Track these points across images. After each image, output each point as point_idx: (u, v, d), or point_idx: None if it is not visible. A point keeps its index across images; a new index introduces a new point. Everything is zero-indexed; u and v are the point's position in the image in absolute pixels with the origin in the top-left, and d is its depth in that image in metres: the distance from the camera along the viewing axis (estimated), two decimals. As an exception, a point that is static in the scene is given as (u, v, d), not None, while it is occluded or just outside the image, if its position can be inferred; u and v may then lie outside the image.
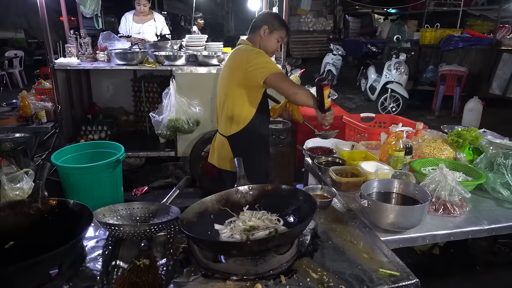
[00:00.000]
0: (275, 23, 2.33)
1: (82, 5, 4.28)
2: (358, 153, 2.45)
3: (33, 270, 1.13)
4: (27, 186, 2.07)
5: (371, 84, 8.37)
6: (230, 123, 2.35)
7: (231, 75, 2.29)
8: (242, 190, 1.61)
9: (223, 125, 2.41)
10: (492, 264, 2.81)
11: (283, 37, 2.37)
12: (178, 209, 1.53)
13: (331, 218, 1.67)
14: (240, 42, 2.42)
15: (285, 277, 1.23)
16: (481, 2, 11.84)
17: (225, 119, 2.37)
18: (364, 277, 1.24)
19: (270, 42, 2.34)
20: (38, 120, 3.77)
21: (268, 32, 2.31)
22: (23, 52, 10.26)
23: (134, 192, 4.03)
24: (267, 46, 2.35)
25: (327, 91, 2.07)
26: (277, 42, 2.36)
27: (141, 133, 4.70)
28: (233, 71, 2.27)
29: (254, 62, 2.17)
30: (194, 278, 1.23)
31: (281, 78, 2.16)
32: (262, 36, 2.33)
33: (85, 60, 4.04)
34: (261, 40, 2.34)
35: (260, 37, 2.33)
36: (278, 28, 2.33)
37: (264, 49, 2.33)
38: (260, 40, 2.34)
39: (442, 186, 1.85)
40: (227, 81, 2.33)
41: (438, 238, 1.78)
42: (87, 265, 1.30)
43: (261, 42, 2.35)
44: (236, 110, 2.31)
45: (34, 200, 1.42)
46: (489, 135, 2.63)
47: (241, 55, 2.26)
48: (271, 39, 2.33)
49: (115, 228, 1.38)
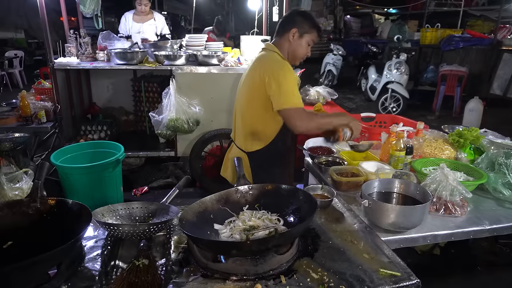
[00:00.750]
0: (305, 25, 2.08)
1: (82, 5, 4.27)
2: (359, 153, 2.44)
3: (32, 270, 1.12)
4: (27, 186, 2.06)
5: (371, 84, 8.37)
6: (252, 140, 2.18)
7: (253, 89, 2.09)
8: (242, 189, 1.60)
9: (243, 140, 2.22)
10: (493, 264, 2.80)
11: (314, 40, 2.13)
12: (178, 209, 1.52)
13: (331, 218, 1.66)
14: (267, 47, 2.18)
15: (285, 277, 1.22)
16: (482, 2, 11.83)
17: (246, 134, 2.19)
18: (365, 278, 1.23)
19: (300, 47, 2.12)
20: (38, 120, 3.76)
21: (298, 36, 2.09)
22: (23, 52, 10.26)
23: (134, 192, 4.02)
24: (296, 52, 2.13)
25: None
26: (308, 46, 2.13)
27: (141, 133, 4.70)
28: (255, 85, 2.06)
29: (276, 87, 1.96)
30: (194, 278, 1.22)
31: (297, 115, 1.96)
32: (291, 40, 2.10)
33: (85, 59, 4.03)
34: (289, 45, 2.11)
35: (289, 41, 2.10)
36: (309, 31, 2.09)
37: (293, 54, 2.13)
38: (289, 45, 2.11)
39: (443, 186, 1.84)
40: (249, 94, 2.13)
41: (439, 238, 1.78)
42: (86, 265, 1.29)
43: (289, 47, 2.12)
44: (260, 126, 2.13)
45: (33, 200, 1.42)
46: (490, 135, 2.63)
47: (264, 68, 2.04)
48: (301, 43, 2.10)
49: (114, 228, 1.37)
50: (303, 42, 2.10)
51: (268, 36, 4.59)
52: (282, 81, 1.96)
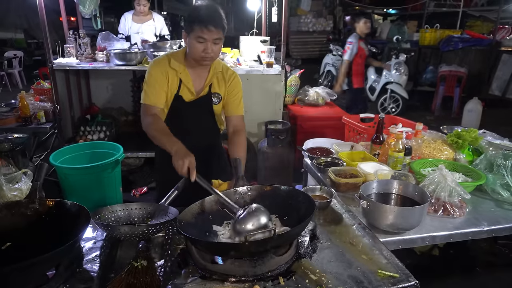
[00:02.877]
0: (189, 22, 1.83)
1: (81, 5, 4.27)
2: (357, 153, 2.45)
3: (30, 271, 1.13)
4: (26, 186, 2.05)
5: (370, 85, 8.36)
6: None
7: None
8: (241, 191, 1.60)
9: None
10: (492, 265, 2.81)
11: (201, 35, 1.79)
12: (177, 210, 1.52)
13: (330, 219, 1.67)
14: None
15: (283, 278, 1.23)
16: (481, 2, 11.82)
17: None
18: (363, 279, 1.23)
19: (191, 47, 1.86)
20: (37, 120, 3.76)
21: (187, 36, 1.87)
22: (22, 52, 10.25)
23: (133, 192, 4.02)
24: (191, 54, 1.90)
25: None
26: (199, 43, 1.81)
27: (140, 133, 4.67)
28: None
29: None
30: (192, 280, 1.22)
31: (142, 110, 1.96)
32: (186, 43, 1.90)
33: (84, 60, 4.03)
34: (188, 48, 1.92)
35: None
36: (193, 26, 1.80)
37: (192, 57, 1.92)
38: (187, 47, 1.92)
39: (441, 187, 1.84)
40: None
41: (437, 240, 1.78)
42: (85, 267, 1.29)
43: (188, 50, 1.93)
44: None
45: (31, 201, 1.42)
46: (488, 136, 2.63)
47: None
48: (190, 43, 1.85)
49: (112, 229, 1.37)
50: (192, 41, 1.84)
51: (267, 37, 4.59)
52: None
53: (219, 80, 2.07)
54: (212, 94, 2.06)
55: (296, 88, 5.11)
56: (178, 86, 1.99)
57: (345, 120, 3.23)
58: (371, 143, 2.49)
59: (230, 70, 2.12)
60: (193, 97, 2.03)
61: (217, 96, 2.07)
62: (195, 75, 2.01)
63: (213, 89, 2.06)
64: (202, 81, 2.04)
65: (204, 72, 2.03)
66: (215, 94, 2.06)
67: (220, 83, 2.08)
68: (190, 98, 2.02)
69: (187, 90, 2.00)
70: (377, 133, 2.45)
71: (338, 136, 3.18)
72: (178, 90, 1.99)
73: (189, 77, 1.99)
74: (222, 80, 2.08)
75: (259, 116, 4.10)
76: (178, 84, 1.98)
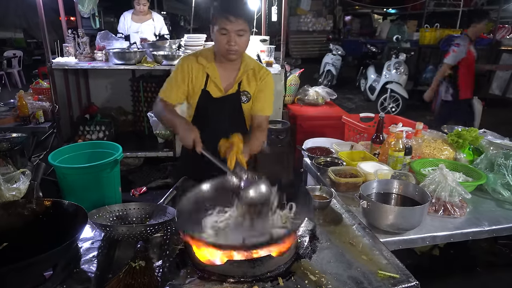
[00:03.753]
0: (213, 14, 1.83)
1: (80, 5, 4.26)
2: (357, 153, 2.44)
3: (27, 272, 1.12)
4: (24, 186, 2.04)
5: (370, 84, 8.36)
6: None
7: None
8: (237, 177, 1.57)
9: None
10: (492, 265, 2.79)
11: (224, 26, 1.75)
12: (175, 210, 1.51)
13: (330, 219, 1.65)
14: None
15: (282, 279, 1.21)
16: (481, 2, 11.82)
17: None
18: (363, 280, 1.22)
19: (215, 40, 1.84)
20: (36, 120, 3.75)
21: (213, 28, 1.84)
22: (21, 52, 10.23)
23: (132, 192, 4.01)
24: (216, 46, 1.88)
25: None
26: (222, 35, 1.78)
27: (140, 133, 4.68)
28: None
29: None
30: (190, 280, 1.21)
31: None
32: (212, 36, 1.87)
33: (83, 59, 4.02)
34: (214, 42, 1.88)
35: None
36: (216, 18, 1.78)
37: (216, 49, 1.90)
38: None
39: (442, 187, 1.83)
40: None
41: (438, 240, 1.77)
42: (82, 267, 1.28)
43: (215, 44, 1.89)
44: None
45: (29, 201, 1.41)
46: (489, 136, 2.62)
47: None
48: (215, 36, 1.83)
49: (110, 229, 1.36)
50: (216, 33, 1.81)
51: (267, 36, 4.58)
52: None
53: (250, 77, 1.98)
54: (241, 92, 1.97)
55: (296, 87, 5.10)
56: (205, 81, 1.93)
57: (345, 120, 3.23)
58: (371, 143, 2.48)
59: (263, 69, 2.02)
60: (221, 94, 1.95)
61: (246, 95, 1.98)
62: (224, 71, 1.95)
63: (242, 87, 1.97)
64: (231, 78, 1.96)
65: (234, 68, 1.96)
66: (244, 93, 1.97)
67: (251, 81, 1.98)
68: (218, 95, 1.94)
69: (214, 85, 1.93)
70: (377, 133, 2.44)
71: (337, 136, 3.17)
72: (205, 86, 1.93)
73: (216, 72, 1.92)
74: (253, 78, 1.98)
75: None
76: (205, 79, 1.93)
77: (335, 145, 2.61)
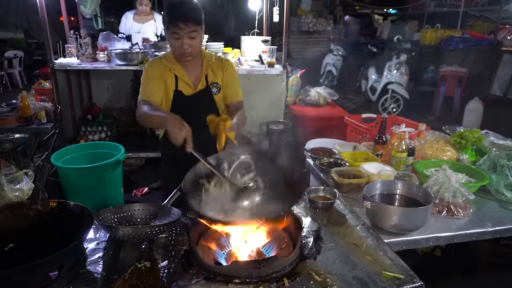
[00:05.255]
0: (164, 19, 1.87)
1: (82, 5, 4.26)
2: (360, 154, 2.44)
3: (33, 273, 1.12)
4: (27, 187, 2.05)
5: (371, 85, 8.36)
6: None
7: None
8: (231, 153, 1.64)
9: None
10: (494, 265, 2.79)
11: (174, 30, 1.79)
12: (179, 211, 1.51)
13: (334, 220, 1.66)
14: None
15: (288, 280, 1.22)
16: (482, 2, 11.81)
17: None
18: (368, 280, 1.22)
19: (170, 44, 1.91)
20: (38, 120, 3.75)
21: (166, 32, 1.89)
22: (22, 52, 10.24)
23: (134, 193, 4.01)
24: (172, 51, 1.97)
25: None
26: (175, 39, 1.83)
27: (141, 133, 4.68)
28: None
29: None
30: (196, 281, 1.21)
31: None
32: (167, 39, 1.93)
33: (85, 60, 4.02)
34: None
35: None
36: (167, 23, 1.83)
37: (174, 54, 1.97)
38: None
39: (445, 188, 1.84)
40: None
41: (441, 240, 1.77)
42: (88, 268, 1.28)
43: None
44: None
45: (34, 202, 1.41)
46: (492, 136, 2.62)
47: None
48: (169, 40, 1.89)
49: (115, 230, 1.36)
50: (169, 37, 1.87)
51: (268, 37, 4.58)
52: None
53: (215, 69, 2.06)
54: (211, 85, 2.05)
55: (297, 88, 5.11)
56: (175, 82, 2.00)
57: (347, 121, 3.23)
58: (374, 144, 2.48)
59: (223, 59, 2.12)
60: (192, 91, 2.03)
61: (216, 86, 2.06)
62: (188, 69, 2.03)
63: (210, 79, 2.06)
64: (197, 74, 2.05)
65: (197, 66, 2.04)
66: (214, 84, 2.06)
67: (217, 72, 2.07)
68: (190, 92, 2.03)
69: (185, 84, 2.01)
70: (380, 134, 2.44)
71: (339, 136, 3.17)
72: (176, 86, 2.01)
73: (182, 71, 2.00)
74: (218, 69, 2.07)
75: (261, 116, 4.08)
76: (175, 80, 2.00)
77: (337, 146, 2.61)
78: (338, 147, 2.59)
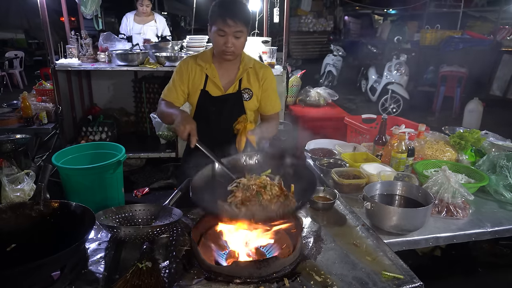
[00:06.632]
0: (210, 15, 1.84)
1: (82, 6, 4.27)
2: (360, 154, 2.45)
3: (35, 273, 1.13)
4: (28, 187, 2.06)
5: (371, 85, 8.37)
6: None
7: None
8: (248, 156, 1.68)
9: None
10: (494, 265, 2.80)
11: (220, 27, 1.78)
12: (180, 211, 1.52)
13: (334, 220, 1.67)
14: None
15: (288, 280, 1.23)
16: (481, 3, 11.83)
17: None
18: (368, 280, 1.23)
19: (213, 41, 1.88)
20: (39, 121, 3.76)
21: (210, 28, 1.87)
22: (23, 52, 10.24)
23: (135, 193, 4.02)
24: (214, 46, 1.92)
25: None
26: (219, 36, 1.81)
27: (142, 134, 4.70)
28: None
29: None
30: (197, 281, 1.22)
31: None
32: (209, 35, 1.91)
33: (86, 61, 4.03)
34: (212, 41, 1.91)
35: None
36: (213, 20, 1.82)
37: (215, 51, 1.94)
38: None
39: (445, 188, 1.84)
40: None
41: (441, 241, 1.78)
42: (90, 268, 1.29)
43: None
44: None
45: (36, 203, 1.41)
46: (491, 137, 2.63)
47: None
48: (212, 37, 1.86)
49: (117, 231, 1.37)
50: (213, 34, 1.85)
51: (269, 38, 4.59)
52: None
53: (250, 76, 2.00)
54: (243, 90, 1.99)
55: (297, 88, 5.11)
56: (205, 81, 1.97)
57: (347, 121, 3.24)
58: (374, 144, 2.49)
59: (263, 67, 2.05)
60: (221, 93, 1.97)
61: (248, 92, 1.99)
62: (223, 71, 1.98)
63: (243, 85, 1.99)
64: (231, 77, 1.99)
65: (233, 68, 1.99)
66: (246, 90, 1.99)
67: (252, 79, 2.00)
68: (217, 94, 1.97)
69: (214, 85, 1.96)
70: (380, 134, 2.45)
71: (339, 137, 3.17)
72: (205, 86, 1.97)
73: (215, 72, 1.95)
74: (254, 77, 2.00)
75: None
76: (205, 80, 1.97)
77: (337, 147, 2.62)
78: (338, 148, 2.59)
